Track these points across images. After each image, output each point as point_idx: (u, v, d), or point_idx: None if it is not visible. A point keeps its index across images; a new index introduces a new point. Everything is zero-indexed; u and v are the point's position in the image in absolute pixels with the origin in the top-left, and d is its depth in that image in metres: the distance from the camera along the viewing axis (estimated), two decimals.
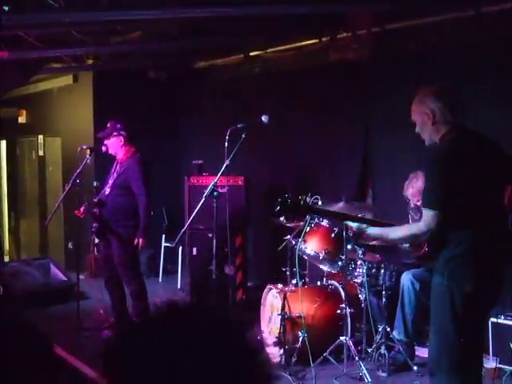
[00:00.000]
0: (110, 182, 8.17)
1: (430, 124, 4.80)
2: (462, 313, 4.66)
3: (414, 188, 7.24)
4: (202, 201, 6.19)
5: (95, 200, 8.14)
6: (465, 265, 4.65)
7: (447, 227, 4.68)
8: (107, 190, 8.15)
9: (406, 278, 7.15)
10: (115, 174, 8.16)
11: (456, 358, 4.77)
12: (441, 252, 4.77)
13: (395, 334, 7.18)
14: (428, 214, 4.63)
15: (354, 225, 5.11)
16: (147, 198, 7.96)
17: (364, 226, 5.05)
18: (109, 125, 8.19)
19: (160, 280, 11.58)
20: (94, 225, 8.14)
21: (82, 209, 8.16)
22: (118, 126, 8.13)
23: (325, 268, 7.78)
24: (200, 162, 10.01)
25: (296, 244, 7.42)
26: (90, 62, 11.36)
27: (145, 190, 7.95)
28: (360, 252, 7.39)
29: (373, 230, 5.05)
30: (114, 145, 8.15)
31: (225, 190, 7.87)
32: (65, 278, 10.62)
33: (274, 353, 7.36)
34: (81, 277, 9.02)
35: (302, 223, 7.61)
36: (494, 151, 4.89)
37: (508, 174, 4.96)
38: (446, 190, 4.61)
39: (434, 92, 4.87)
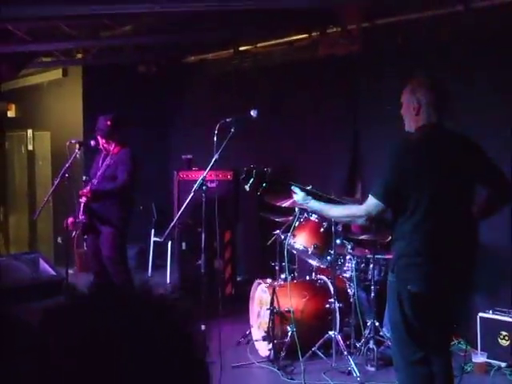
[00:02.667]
0: (99, 173, 8.15)
1: (413, 114, 4.88)
2: (409, 311, 4.73)
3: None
4: (190, 195, 6.18)
5: (84, 191, 8.10)
6: (412, 264, 4.65)
7: (401, 222, 4.69)
8: (95, 181, 8.13)
9: None
10: (104, 166, 8.13)
11: (410, 357, 4.86)
12: (393, 249, 4.81)
13: (385, 331, 7.19)
14: (372, 201, 4.69)
15: (300, 194, 5.18)
16: (122, 184, 7.91)
17: (309, 198, 5.14)
18: (99, 119, 8.17)
19: (149, 275, 11.57)
20: (82, 217, 8.09)
21: (69, 221, 8.12)
22: (108, 121, 8.11)
23: (314, 263, 7.79)
24: (189, 156, 10.00)
25: (285, 239, 7.43)
26: (80, 56, 11.32)
27: (127, 179, 7.90)
28: (349, 247, 7.42)
29: (314, 204, 5.16)
30: (105, 138, 8.14)
31: (214, 185, 7.87)
32: (54, 273, 10.59)
33: (263, 347, 7.39)
34: (70, 271, 9.00)
35: (290, 217, 7.62)
36: (467, 152, 4.89)
37: (482, 177, 4.96)
38: (397, 184, 4.65)
39: (425, 85, 4.93)
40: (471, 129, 6.40)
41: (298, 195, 5.19)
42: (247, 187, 5.30)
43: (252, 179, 5.23)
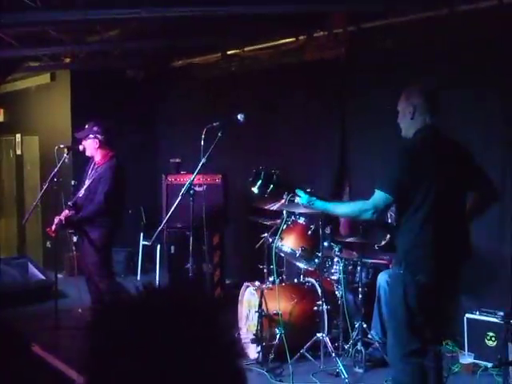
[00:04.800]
0: (86, 183, 8.14)
1: (408, 118, 5.12)
2: (413, 302, 4.92)
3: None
4: (178, 199, 6.21)
5: (70, 203, 8.10)
6: (423, 256, 4.90)
7: (407, 217, 4.88)
8: (82, 192, 8.12)
9: (382, 279, 7.21)
10: (90, 177, 8.12)
11: (408, 347, 5.03)
12: (400, 242, 4.97)
13: (373, 334, 7.24)
14: (378, 194, 4.88)
15: (305, 197, 5.28)
16: (97, 208, 7.90)
17: (314, 198, 5.24)
18: (87, 126, 8.15)
19: (138, 278, 11.58)
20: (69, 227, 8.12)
21: (53, 227, 8.11)
22: (95, 128, 8.05)
23: (301, 265, 7.83)
24: (178, 160, 10.03)
25: (273, 242, 7.46)
26: (68, 60, 11.33)
27: (102, 201, 7.86)
28: (336, 249, 7.45)
29: (319, 204, 5.26)
30: (90, 147, 8.10)
31: (202, 189, 7.90)
32: (43, 277, 10.61)
33: (252, 349, 7.41)
34: (59, 276, 9.03)
35: (278, 220, 7.65)
36: (459, 155, 5.16)
37: (473, 181, 5.20)
38: (403, 177, 4.86)
39: (419, 90, 5.17)
40: (458, 129, 6.47)
41: (303, 198, 5.28)
42: (255, 189, 5.38)
43: (260, 181, 5.30)
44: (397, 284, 5.04)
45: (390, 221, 6.95)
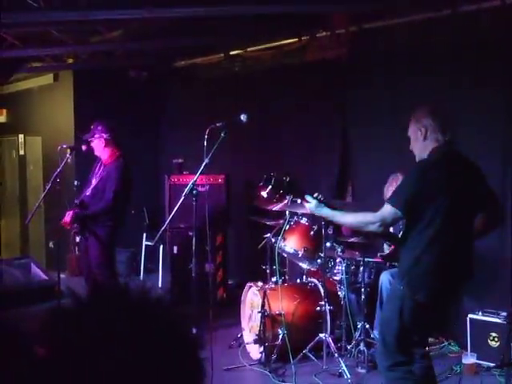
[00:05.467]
0: (93, 182, 8.16)
1: (421, 140, 5.07)
2: (408, 320, 4.92)
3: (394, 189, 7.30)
4: (181, 199, 6.20)
5: (76, 202, 8.12)
6: (425, 275, 4.87)
7: (415, 233, 4.87)
8: (89, 191, 8.14)
9: (385, 278, 7.21)
10: (98, 177, 8.15)
11: (394, 359, 5.04)
12: (404, 257, 4.97)
13: (376, 334, 7.23)
14: (387, 208, 4.85)
15: (313, 202, 5.26)
16: (107, 205, 7.93)
17: (322, 205, 5.24)
18: (92, 126, 8.18)
19: (141, 279, 11.58)
20: (76, 225, 8.12)
21: (68, 218, 8.12)
22: (100, 127, 8.10)
23: (304, 266, 7.83)
24: (180, 160, 10.02)
25: (276, 242, 7.46)
26: (70, 61, 11.35)
27: (112, 198, 7.90)
28: (339, 250, 7.46)
29: (327, 211, 5.25)
30: (97, 146, 8.14)
31: (205, 189, 7.90)
32: (46, 277, 10.61)
33: (254, 350, 7.42)
34: (62, 276, 9.01)
35: (281, 221, 7.65)
36: (474, 175, 5.12)
37: (481, 202, 5.16)
38: (416, 195, 4.82)
39: (428, 110, 5.13)
40: (458, 131, 6.46)
41: (311, 203, 5.28)
42: (265, 194, 5.39)
43: (270, 187, 5.30)
44: (395, 298, 5.03)
45: (393, 231, 6.97)
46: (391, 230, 7.41)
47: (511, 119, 7.29)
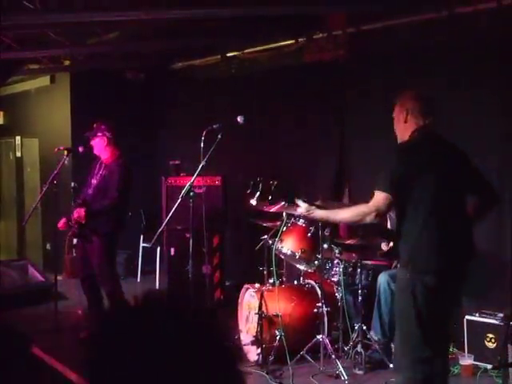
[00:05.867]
0: (94, 182, 8.17)
1: (402, 122, 5.11)
2: (423, 306, 4.83)
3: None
4: (178, 201, 6.21)
5: (79, 201, 8.12)
6: (429, 253, 4.81)
7: (408, 217, 4.85)
8: (90, 191, 8.15)
9: (383, 279, 7.21)
10: (99, 176, 8.16)
11: (418, 354, 4.92)
12: (403, 244, 4.92)
13: (372, 334, 7.23)
14: (379, 196, 4.84)
15: (304, 206, 5.26)
16: (111, 203, 7.95)
17: (313, 207, 5.24)
18: (95, 125, 8.20)
19: (138, 280, 11.59)
20: (76, 227, 8.11)
21: (62, 221, 8.14)
22: (103, 126, 8.14)
23: (301, 267, 7.83)
24: (177, 162, 10.03)
25: (273, 243, 7.46)
26: (67, 63, 11.34)
27: (116, 197, 7.93)
28: (336, 251, 7.46)
29: (319, 212, 5.26)
30: (98, 145, 8.16)
31: (202, 191, 7.90)
32: (43, 279, 10.61)
33: (252, 351, 7.41)
34: (59, 278, 9.03)
35: (278, 222, 7.66)
36: (457, 157, 5.12)
37: (472, 184, 5.15)
38: (402, 175, 4.83)
39: (412, 94, 5.20)
40: (456, 131, 6.48)
41: (302, 207, 5.27)
42: (253, 201, 5.38)
43: (258, 193, 5.30)
44: (404, 288, 4.91)
45: (389, 227, 6.98)
46: (389, 226, 7.45)
47: (508, 120, 7.30)
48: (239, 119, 6.56)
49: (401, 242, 5.02)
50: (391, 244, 5.86)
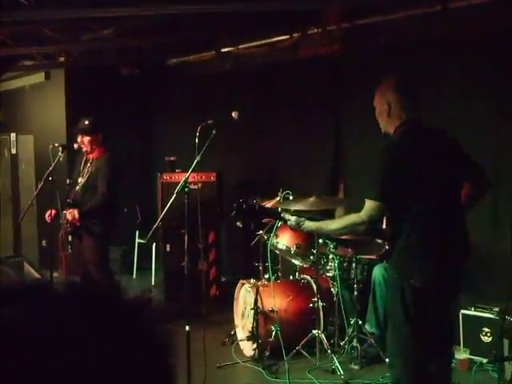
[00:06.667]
0: (82, 180, 8.14)
1: (385, 115, 4.94)
2: (412, 308, 4.73)
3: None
4: (172, 197, 6.19)
5: (69, 200, 8.11)
6: (413, 257, 4.71)
7: (398, 219, 4.77)
8: (78, 189, 8.13)
9: (378, 272, 7.22)
10: (86, 173, 8.13)
11: (409, 352, 4.84)
12: (394, 244, 4.86)
13: (367, 327, 7.25)
14: (371, 205, 4.70)
15: (293, 219, 5.15)
16: (103, 198, 7.94)
17: (302, 219, 5.11)
18: (87, 121, 8.15)
19: (134, 276, 11.59)
20: (69, 225, 8.09)
21: (48, 213, 8.13)
22: (98, 124, 8.12)
23: (297, 262, 7.84)
24: (172, 158, 10.03)
25: (268, 239, 7.47)
26: (62, 59, 11.31)
27: (105, 190, 7.92)
28: (331, 246, 7.46)
29: (309, 224, 5.11)
30: (89, 142, 8.11)
31: (197, 187, 7.89)
32: (39, 276, 10.59)
33: (248, 347, 7.42)
34: (55, 274, 9.00)
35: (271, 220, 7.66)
36: (448, 146, 4.97)
37: (464, 171, 5.04)
38: (393, 182, 4.70)
39: (393, 85, 5.00)
40: (451, 122, 6.48)
41: (291, 220, 5.18)
42: (239, 224, 5.32)
43: (242, 216, 5.23)
44: (393, 287, 4.88)
45: (384, 227, 6.95)
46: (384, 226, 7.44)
47: (503, 113, 7.31)
48: (234, 115, 6.55)
49: (391, 243, 4.98)
50: (387, 245, 5.82)
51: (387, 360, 6.72)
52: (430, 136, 4.97)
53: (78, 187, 8.14)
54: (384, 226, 7.06)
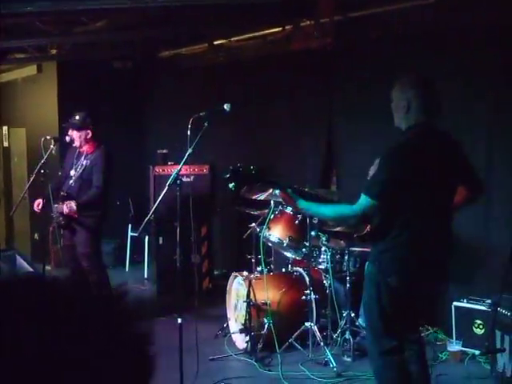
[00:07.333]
0: (73, 173, 8.11)
1: (402, 113, 4.91)
2: (386, 303, 4.85)
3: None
4: (164, 190, 6.18)
5: (63, 193, 8.08)
6: (395, 259, 4.78)
7: (389, 218, 4.79)
8: (73, 183, 8.10)
9: None
10: (80, 167, 8.10)
11: (383, 344, 4.98)
12: (376, 241, 4.89)
13: (360, 321, 7.25)
14: (365, 201, 4.72)
15: (289, 190, 5.16)
16: (98, 192, 7.92)
17: (297, 197, 5.11)
18: (77, 116, 8.11)
19: (127, 270, 11.58)
20: (62, 218, 8.07)
21: (40, 202, 8.11)
22: (88, 119, 8.07)
23: (289, 255, 7.84)
24: (165, 151, 10.02)
25: (260, 231, 7.47)
26: (54, 52, 11.27)
27: (101, 184, 7.90)
28: (324, 238, 7.46)
29: (303, 203, 5.09)
30: (81, 137, 8.08)
31: (189, 179, 7.89)
32: (31, 270, 10.58)
33: (240, 339, 7.43)
34: (47, 268, 9.00)
35: (266, 210, 7.66)
36: (453, 152, 5.00)
37: (462, 176, 5.09)
38: (392, 185, 4.72)
39: (418, 84, 4.96)
40: (444, 117, 6.47)
41: (289, 191, 5.16)
42: (232, 186, 5.26)
43: (237, 178, 5.21)
44: (371, 283, 4.95)
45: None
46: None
47: (495, 105, 7.31)
48: (225, 107, 6.53)
49: (375, 237, 5.00)
50: (368, 227, 5.82)
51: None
52: (438, 140, 4.97)
53: (71, 181, 8.12)
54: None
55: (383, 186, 4.74)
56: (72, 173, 8.13)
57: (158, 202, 6.34)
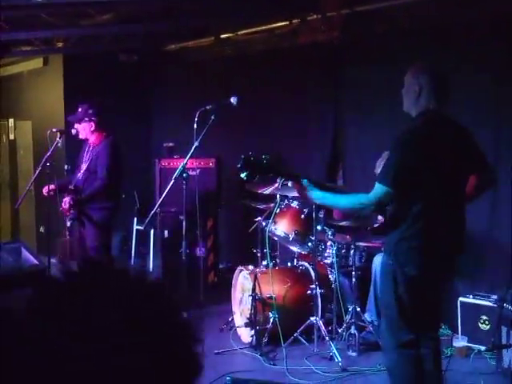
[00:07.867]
0: (83, 166, 8.12)
1: (413, 98, 4.91)
2: (404, 294, 4.82)
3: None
4: (170, 183, 6.18)
5: (71, 187, 8.07)
6: (411, 248, 4.75)
7: (403, 207, 4.77)
8: (80, 176, 8.10)
9: (378, 261, 7.20)
10: (87, 159, 8.11)
11: (400, 337, 4.93)
12: (391, 231, 4.87)
13: (367, 316, 7.25)
14: (380, 189, 4.70)
15: (300, 183, 5.09)
16: (103, 183, 7.89)
17: (311, 186, 5.05)
18: (80, 109, 8.11)
19: (132, 262, 11.57)
20: (72, 211, 8.05)
21: (45, 189, 8.09)
22: (90, 111, 8.04)
23: (295, 249, 7.84)
24: (171, 144, 10.01)
25: (266, 225, 7.46)
26: (60, 44, 11.26)
27: (106, 176, 7.86)
28: (330, 233, 7.44)
29: (318, 193, 5.04)
30: (85, 130, 8.08)
31: (196, 173, 7.88)
32: (36, 262, 10.58)
33: (245, 333, 7.42)
34: (52, 260, 9.00)
35: (272, 204, 7.65)
36: (464, 140, 4.99)
37: (474, 165, 5.06)
38: (405, 171, 4.70)
39: (428, 71, 4.96)
40: (449, 112, 6.45)
41: (304, 182, 5.12)
42: (244, 176, 5.21)
43: (249, 167, 5.15)
44: (387, 274, 4.93)
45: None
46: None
47: (501, 99, 7.28)
48: (232, 100, 6.53)
49: (389, 228, 4.97)
50: (381, 219, 5.78)
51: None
52: (449, 128, 4.96)
53: (80, 173, 8.12)
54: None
55: (395, 171, 4.71)
56: (82, 166, 8.13)
57: (164, 195, 6.33)
